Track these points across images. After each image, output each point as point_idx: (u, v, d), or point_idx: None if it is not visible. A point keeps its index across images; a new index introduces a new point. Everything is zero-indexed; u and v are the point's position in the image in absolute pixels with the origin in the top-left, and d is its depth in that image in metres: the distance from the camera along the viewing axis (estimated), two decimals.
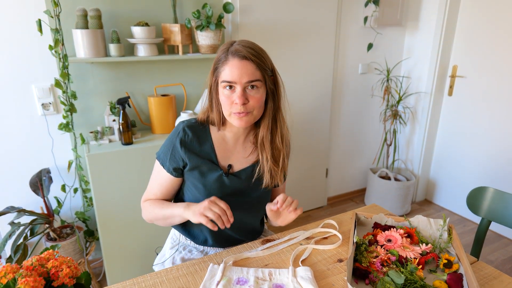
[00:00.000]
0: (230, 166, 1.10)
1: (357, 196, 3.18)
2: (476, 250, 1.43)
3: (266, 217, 1.26)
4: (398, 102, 2.83)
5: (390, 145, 2.94)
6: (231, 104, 0.98)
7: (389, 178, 2.91)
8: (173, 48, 2.05)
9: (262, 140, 1.07)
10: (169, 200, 1.17)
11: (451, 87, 2.81)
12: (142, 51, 1.85)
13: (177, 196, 1.18)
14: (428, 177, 3.10)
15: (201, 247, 1.19)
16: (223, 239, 1.16)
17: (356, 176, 3.16)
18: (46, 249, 0.72)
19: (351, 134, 2.99)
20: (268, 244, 1.12)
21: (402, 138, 3.13)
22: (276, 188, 1.24)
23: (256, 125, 1.10)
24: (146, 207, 1.13)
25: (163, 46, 1.99)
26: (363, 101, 2.93)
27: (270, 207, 1.05)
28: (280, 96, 1.05)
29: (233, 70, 0.94)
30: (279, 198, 1.00)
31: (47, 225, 1.86)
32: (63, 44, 1.69)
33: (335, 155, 2.95)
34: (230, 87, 0.96)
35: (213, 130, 1.09)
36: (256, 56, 0.95)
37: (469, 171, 2.75)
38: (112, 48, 1.78)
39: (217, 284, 0.91)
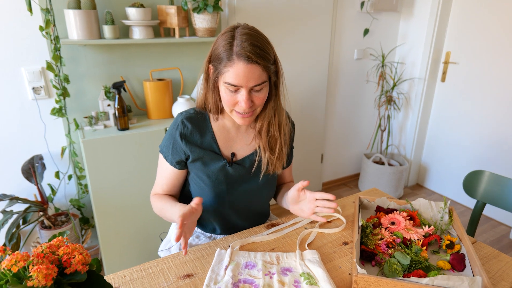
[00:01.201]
0: (233, 154, 1.08)
1: (351, 181, 3.21)
2: (470, 231, 1.47)
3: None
4: (392, 88, 2.84)
5: (384, 130, 2.97)
6: (234, 104, 0.95)
7: (382, 163, 2.95)
8: (168, 31, 1.99)
9: (259, 130, 1.06)
10: (176, 192, 1.15)
11: (444, 73, 2.83)
12: (137, 34, 1.80)
13: (184, 188, 1.17)
14: (420, 162, 3.15)
15: (208, 234, 1.18)
16: (231, 228, 1.16)
17: (351, 161, 3.19)
18: (54, 236, 0.70)
19: (346, 120, 2.99)
20: (274, 229, 1.12)
21: (395, 124, 3.16)
22: (282, 171, 1.22)
23: None
24: (154, 202, 1.12)
25: (159, 29, 1.94)
26: (358, 86, 2.93)
27: (298, 187, 1.04)
28: (280, 85, 1.02)
29: (239, 74, 0.89)
30: (322, 195, 1.00)
31: (41, 213, 1.82)
32: (54, 25, 1.63)
33: (330, 141, 2.97)
34: (234, 88, 0.92)
35: (212, 119, 1.06)
36: (262, 57, 0.89)
37: (460, 156, 2.81)
38: (106, 30, 1.72)
39: (226, 269, 0.91)
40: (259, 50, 0.89)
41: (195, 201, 0.95)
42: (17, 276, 0.59)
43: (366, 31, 2.72)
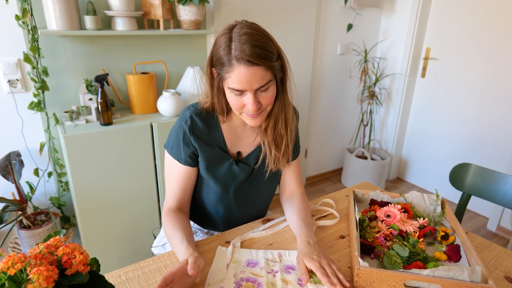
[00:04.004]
0: (239, 153, 1.05)
1: (334, 176, 3.25)
2: None
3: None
4: (374, 83, 2.89)
5: (367, 125, 3.01)
6: (241, 107, 0.91)
7: (365, 158, 2.99)
8: (152, 23, 1.93)
9: (265, 128, 1.02)
10: (190, 197, 1.07)
11: (424, 68, 2.90)
12: (120, 25, 1.73)
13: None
14: (401, 156, 3.22)
15: (205, 229, 1.15)
16: (231, 224, 1.13)
17: (334, 156, 3.22)
18: (50, 235, 0.65)
19: (329, 115, 3.02)
20: (269, 224, 1.10)
21: (377, 119, 3.21)
22: (288, 165, 1.15)
23: None
24: (165, 224, 1.00)
25: (143, 21, 1.87)
26: (341, 82, 2.96)
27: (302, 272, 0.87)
28: (287, 79, 0.96)
29: (241, 79, 0.84)
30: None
31: (19, 212, 1.73)
32: (31, 15, 1.54)
33: (314, 136, 2.98)
34: (239, 92, 0.88)
35: (220, 120, 1.02)
36: (264, 57, 0.83)
37: (439, 150, 2.89)
38: (88, 20, 1.64)
39: (227, 267, 0.89)
40: (259, 50, 0.83)
41: (192, 265, 0.77)
42: (13, 279, 0.55)
43: (349, 26, 2.74)
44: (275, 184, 1.16)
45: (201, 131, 0.99)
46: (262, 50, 0.83)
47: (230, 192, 1.06)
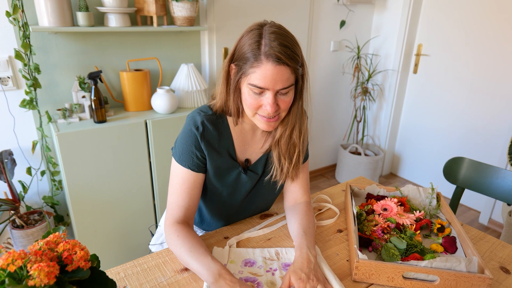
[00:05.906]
0: (247, 160, 1.03)
1: (328, 172, 3.27)
2: None
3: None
4: (367, 79, 2.91)
5: (360, 121, 3.03)
6: (258, 108, 0.88)
7: (359, 154, 3.01)
8: (146, 19, 1.91)
9: (279, 138, 0.98)
10: (196, 207, 1.00)
11: (416, 65, 2.93)
12: (113, 22, 1.71)
13: None
14: (394, 151, 3.25)
15: (204, 231, 1.15)
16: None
17: (328, 152, 3.24)
18: (49, 232, 0.65)
19: (323, 111, 3.03)
20: (266, 222, 1.10)
21: (370, 115, 3.24)
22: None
23: None
24: (173, 239, 0.90)
25: (136, 17, 1.85)
26: (335, 78, 2.97)
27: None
28: (305, 89, 0.93)
29: (266, 76, 0.81)
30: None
31: (12, 212, 1.71)
32: (23, 11, 1.51)
33: (308, 132, 2.98)
34: (259, 91, 0.85)
35: (230, 122, 0.99)
36: (292, 59, 0.82)
37: (431, 145, 2.93)
38: (80, 16, 1.62)
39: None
40: (289, 51, 0.82)
41: None
42: (13, 276, 0.54)
43: (342, 23, 2.75)
44: (280, 189, 1.14)
45: (213, 137, 0.95)
46: (291, 52, 0.83)
47: (235, 200, 1.05)
